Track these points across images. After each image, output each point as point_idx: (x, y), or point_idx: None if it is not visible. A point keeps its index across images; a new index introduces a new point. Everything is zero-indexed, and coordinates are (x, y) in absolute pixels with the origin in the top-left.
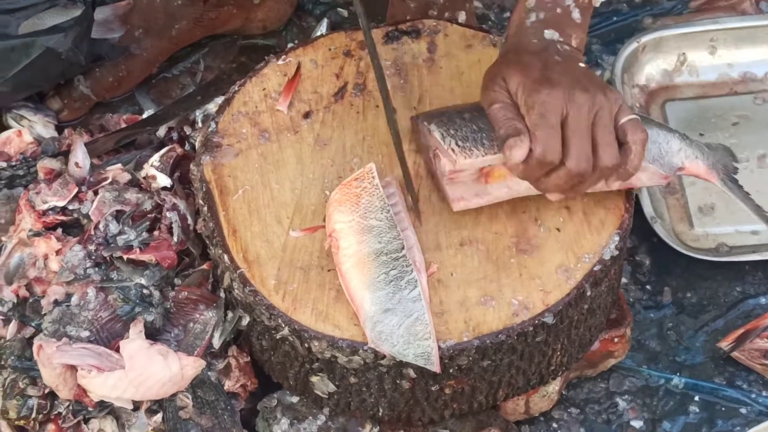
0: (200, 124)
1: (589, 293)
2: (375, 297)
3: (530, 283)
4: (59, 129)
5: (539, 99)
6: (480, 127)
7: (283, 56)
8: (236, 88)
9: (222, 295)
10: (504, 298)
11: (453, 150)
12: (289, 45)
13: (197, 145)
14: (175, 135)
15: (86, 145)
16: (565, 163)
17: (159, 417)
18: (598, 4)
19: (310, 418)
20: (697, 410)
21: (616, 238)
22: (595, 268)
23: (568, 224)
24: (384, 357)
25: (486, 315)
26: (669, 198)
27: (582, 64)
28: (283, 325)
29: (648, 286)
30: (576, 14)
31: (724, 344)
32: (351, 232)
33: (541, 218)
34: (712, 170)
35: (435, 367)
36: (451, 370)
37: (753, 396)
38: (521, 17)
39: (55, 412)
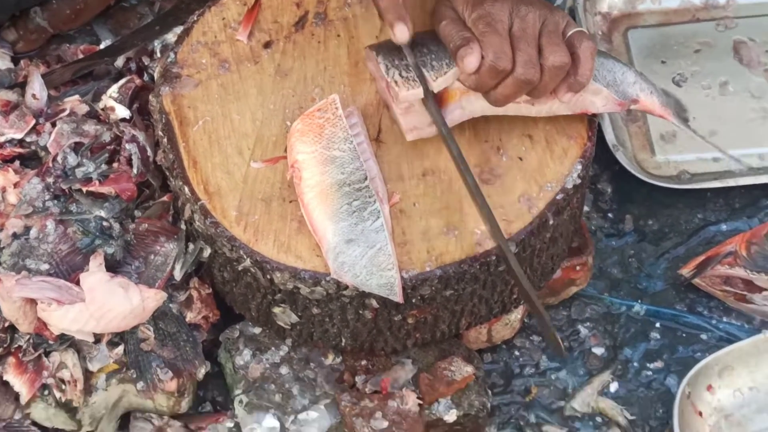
0: (159, 55)
1: (551, 222)
2: (338, 228)
3: (493, 212)
4: (15, 60)
5: (484, 11)
6: (429, 50)
7: None
8: (195, 18)
9: (183, 227)
10: (467, 227)
11: (396, 82)
12: None
13: (156, 75)
14: (133, 66)
15: (43, 76)
16: (513, 70)
17: (120, 349)
18: None
19: (273, 348)
20: (658, 336)
21: (579, 167)
22: (558, 197)
23: (531, 153)
24: (346, 287)
25: (449, 245)
26: (631, 126)
27: None
28: (245, 257)
29: (610, 214)
30: None
31: (685, 271)
32: (314, 162)
33: (504, 147)
34: (667, 107)
35: (398, 297)
36: (413, 300)
37: (713, 322)
38: None
39: (15, 346)
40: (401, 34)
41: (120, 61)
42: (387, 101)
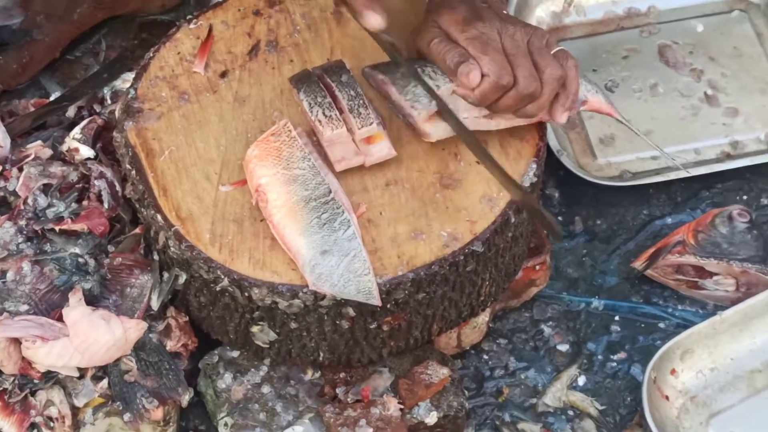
0: (109, 102)
1: (513, 220)
2: (311, 241)
3: (457, 215)
4: None
5: (477, 31)
6: (357, 94)
7: (194, 20)
8: (151, 55)
9: (156, 257)
10: (433, 231)
11: (320, 122)
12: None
13: (117, 113)
14: (85, 113)
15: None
16: (514, 84)
17: (105, 383)
18: None
19: (252, 370)
20: (618, 329)
21: (534, 166)
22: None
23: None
24: (324, 298)
25: (418, 248)
26: (570, 133)
27: (505, 12)
28: (222, 276)
29: (560, 218)
30: None
31: (638, 264)
32: (277, 183)
33: (461, 153)
34: (611, 104)
35: (376, 300)
36: (388, 306)
37: (669, 310)
38: None
39: (1, 389)
40: (373, 20)
41: (71, 111)
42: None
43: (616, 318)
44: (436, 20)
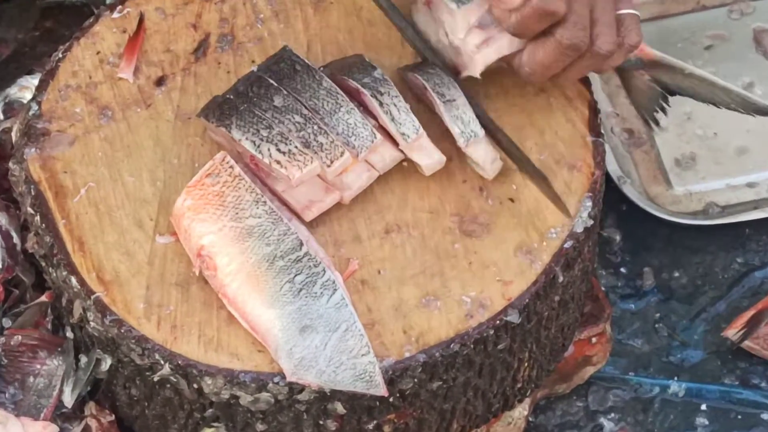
0: (2, 117)
1: (560, 279)
2: (284, 315)
3: (484, 272)
4: None
5: None
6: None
7: (119, 6)
8: (60, 55)
9: (69, 334)
10: (452, 296)
11: (278, 162)
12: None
13: (14, 135)
14: None
15: None
16: (560, 25)
17: None
18: None
19: None
20: (706, 422)
21: (588, 203)
22: (566, 245)
23: (524, 191)
24: (302, 390)
25: (431, 320)
26: (635, 152)
27: None
28: (162, 362)
29: (623, 269)
30: None
31: (731, 332)
32: (226, 242)
33: (488, 187)
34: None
35: (381, 389)
36: (391, 399)
37: None
38: None
39: None
40: None
41: None
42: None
43: (703, 407)
44: None
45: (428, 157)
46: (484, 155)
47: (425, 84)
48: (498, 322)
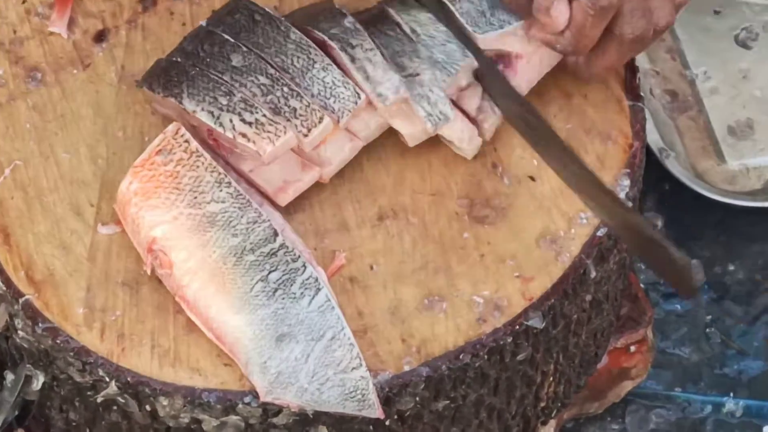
0: None
1: (593, 274)
2: (256, 321)
3: (499, 267)
4: None
5: None
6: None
7: None
8: None
9: None
10: (460, 296)
11: (244, 135)
12: None
13: None
14: None
15: None
16: (617, 21)
17: None
18: None
19: None
20: None
21: (626, 182)
22: (599, 233)
23: (547, 168)
24: (279, 412)
25: (435, 326)
26: (680, 118)
27: None
28: (107, 379)
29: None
30: None
31: None
32: (183, 233)
33: (504, 162)
34: None
35: (376, 409)
36: (388, 422)
37: None
38: None
39: None
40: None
41: None
42: None
43: (766, 429)
44: None
45: (412, 124)
46: (459, 133)
47: (383, 52)
48: (517, 327)
